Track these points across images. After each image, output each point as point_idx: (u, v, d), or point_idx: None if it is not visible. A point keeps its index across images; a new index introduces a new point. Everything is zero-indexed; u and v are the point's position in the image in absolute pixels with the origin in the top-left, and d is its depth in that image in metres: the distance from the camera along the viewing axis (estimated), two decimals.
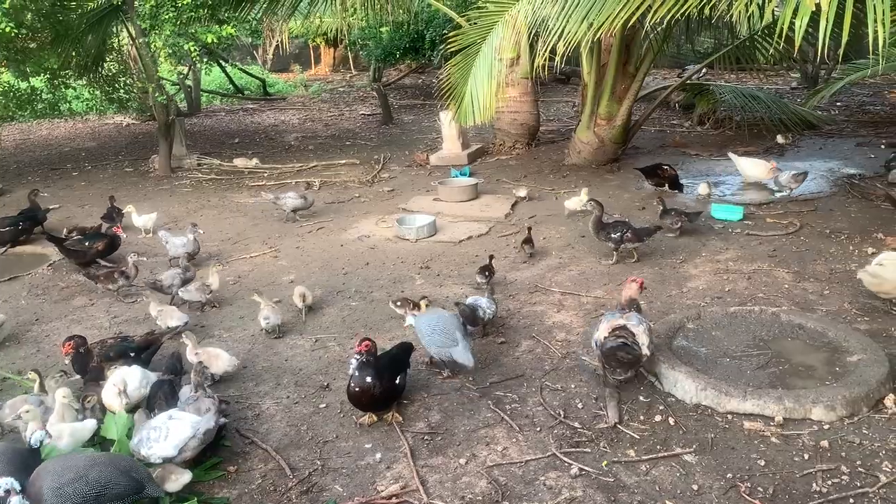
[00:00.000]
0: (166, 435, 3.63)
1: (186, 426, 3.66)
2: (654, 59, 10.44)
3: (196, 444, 3.63)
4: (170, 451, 3.59)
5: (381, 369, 4.11)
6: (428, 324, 4.79)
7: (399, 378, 4.24)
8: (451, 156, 11.30)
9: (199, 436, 3.63)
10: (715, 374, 4.40)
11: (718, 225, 7.60)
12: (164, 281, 6.10)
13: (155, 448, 3.60)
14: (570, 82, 19.60)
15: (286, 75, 24.91)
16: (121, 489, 3.20)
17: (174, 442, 3.59)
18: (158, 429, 3.66)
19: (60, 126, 16.71)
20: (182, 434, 3.63)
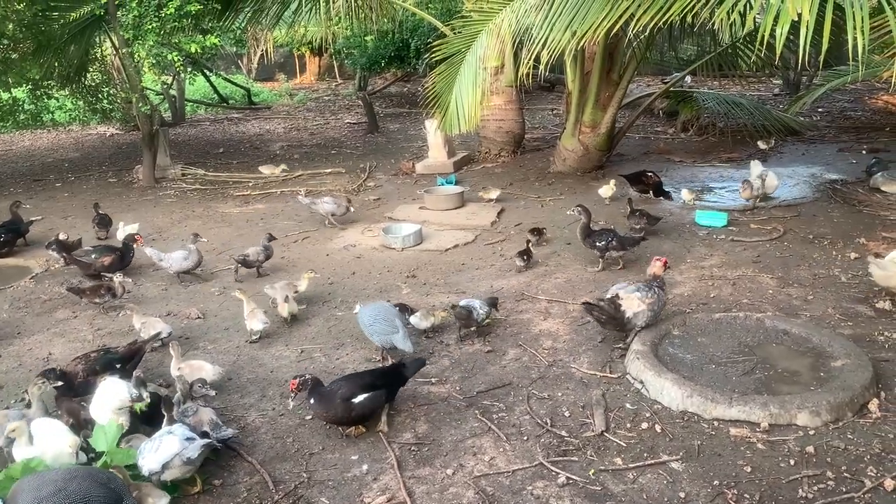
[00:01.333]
0: (157, 448, 3.58)
1: (175, 443, 3.59)
2: (638, 67, 10.53)
3: (180, 462, 3.54)
4: (154, 465, 3.54)
5: (328, 394, 4.11)
6: (370, 314, 5.11)
7: (361, 398, 4.10)
8: (437, 164, 11.31)
9: (183, 456, 3.54)
10: (701, 381, 4.41)
11: (703, 231, 7.64)
12: (250, 256, 6.82)
13: (146, 460, 3.55)
14: (554, 90, 19.69)
15: (271, 84, 24.86)
16: (100, 501, 3.15)
17: (160, 457, 3.53)
18: (154, 440, 3.61)
19: (43, 137, 16.58)
20: (169, 450, 3.56)
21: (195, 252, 6.78)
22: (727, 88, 15.15)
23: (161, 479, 3.56)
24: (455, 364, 5.04)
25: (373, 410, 4.20)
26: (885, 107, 14.79)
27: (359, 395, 4.10)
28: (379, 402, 4.21)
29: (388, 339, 5.00)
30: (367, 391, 4.13)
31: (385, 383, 4.29)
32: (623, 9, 6.62)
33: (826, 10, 5.37)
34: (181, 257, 6.74)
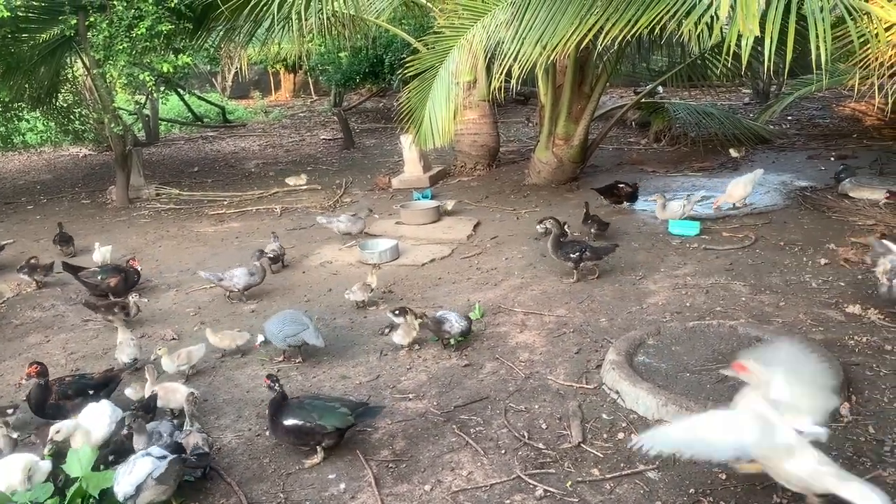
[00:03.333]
0: (131, 470, 3.51)
1: (148, 463, 3.54)
2: (609, 79, 10.65)
3: (153, 483, 3.48)
4: (128, 488, 3.47)
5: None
6: (276, 321, 5.35)
7: (293, 419, 4.07)
8: (413, 179, 11.34)
9: (154, 475, 3.48)
10: (676, 390, 4.44)
11: (676, 240, 7.72)
12: (277, 251, 7.40)
13: (121, 484, 3.49)
14: (528, 103, 19.84)
15: (246, 102, 24.82)
16: None
17: (133, 479, 3.47)
18: (130, 462, 3.55)
19: (14, 159, 16.38)
20: (142, 470, 3.50)
21: (260, 268, 6.71)
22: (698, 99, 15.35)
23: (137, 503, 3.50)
24: (432, 379, 5.04)
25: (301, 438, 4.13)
26: (853, 114, 15.07)
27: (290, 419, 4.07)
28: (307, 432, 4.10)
29: (300, 338, 5.24)
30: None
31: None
32: (592, 22, 6.71)
33: (789, 20, 5.48)
34: (245, 273, 6.64)
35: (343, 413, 4.05)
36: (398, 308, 5.62)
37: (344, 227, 8.26)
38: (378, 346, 5.65)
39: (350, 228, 8.27)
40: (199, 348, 5.28)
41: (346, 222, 8.29)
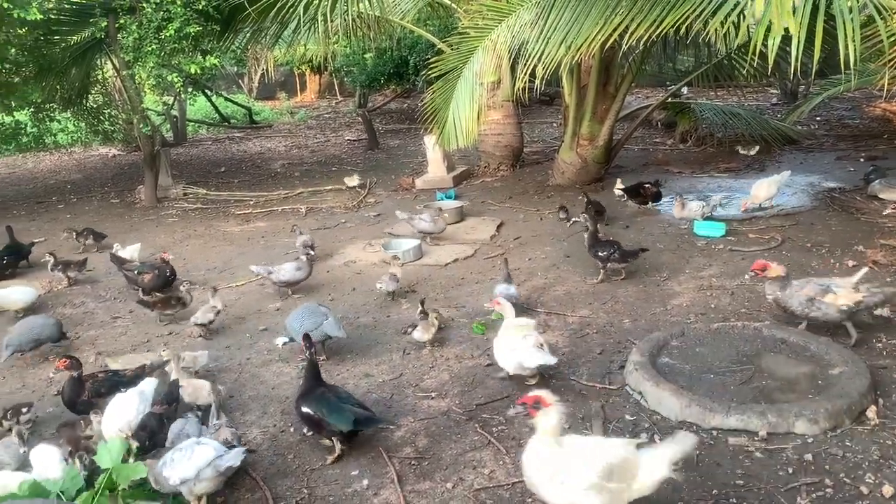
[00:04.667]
0: (189, 456, 3.57)
1: (209, 451, 3.60)
2: (634, 79, 10.61)
3: (213, 473, 3.55)
4: (189, 472, 3.52)
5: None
6: (296, 316, 5.45)
7: (307, 407, 4.18)
8: (437, 179, 11.38)
9: (220, 465, 3.56)
10: (699, 391, 4.42)
11: (701, 241, 7.67)
12: (308, 242, 7.59)
13: (177, 469, 3.53)
14: (553, 104, 19.79)
15: (272, 103, 25.03)
16: None
17: (195, 464, 3.53)
18: (183, 450, 3.61)
19: (46, 159, 16.72)
20: (204, 457, 3.56)
21: (306, 264, 6.81)
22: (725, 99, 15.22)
23: (191, 490, 3.55)
24: (455, 378, 5.06)
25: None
26: (883, 114, 14.84)
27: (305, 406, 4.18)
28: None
29: (321, 331, 5.28)
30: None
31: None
32: (617, 22, 6.70)
33: (817, 20, 5.42)
34: (293, 268, 6.77)
35: (347, 417, 4.08)
36: (422, 311, 5.67)
37: (426, 227, 8.22)
38: (401, 344, 5.69)
39: (432, 228, 8.23)
40: (202, 354, 5.29)
41: (429, 221, 8.23)
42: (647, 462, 3.26)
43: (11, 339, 5.60)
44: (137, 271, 6.98)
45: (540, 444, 3.24)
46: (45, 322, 5.82)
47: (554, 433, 3.23)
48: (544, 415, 3.24)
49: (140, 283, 6.88)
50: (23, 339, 5.62)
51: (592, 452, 3.22)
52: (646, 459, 3.26)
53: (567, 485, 3.12)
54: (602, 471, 3.12)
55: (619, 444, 3.33)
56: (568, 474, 3.14)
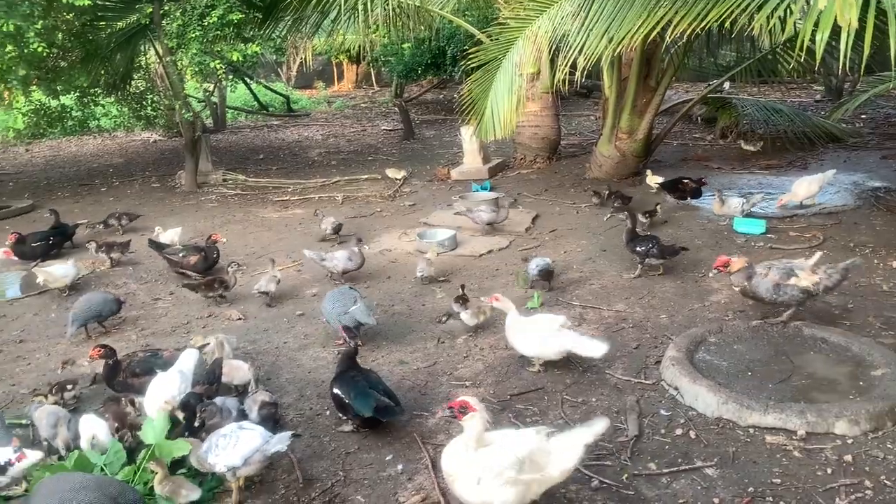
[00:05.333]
0: (235, 443, 3.61)
1: (256, 437, 3.65)
2: (676, 73, 10.47)
3: (261, 458, 3.61)
4: (235, 460, 3.57)
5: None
6: (329, 299, 5.55)
7: (337, 388, 4.29)
8: (472, 170, 11.38)
9: (267, 451, 3.62)
10: (737, 388, 4.39)
11: (741, 238, 7.57)
12: (335, 222, 8.12)
13: (222, 456, 3.59)
14: (591, 96, 19.66)
15: (310, 92, 25.20)
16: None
17: (241, 452, 3.58)
18: (228, 437, 3.65)
19: (89, 142, 17.06)
20: (251, 444, 3.61)
21: (358, 254, 6.89)
22: (767, 95, 14.98)
23: (235, 474, 3.61)
24: (489, 368, 5.08)
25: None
26: None
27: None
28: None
29: (351, 316, 5.31)
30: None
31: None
32: (660, 15, 6.62)
33: (868, 14, 5.31)
34: (345, 257, 6.84)
35: (369, 404, 4.13)
36: (459, 297, 5.73)
37: (487, 217, 8.17)
38: (435, 333, 5.72)
39: (494, 218, 8.20)
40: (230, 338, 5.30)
41: (489, 212, 8.19)
42: (560, 449, 3.32)
43: (76, 314, 5.84)
44: (182, 254, 7.10)
45: (459, 445, 3.33)
46: (104, 297, 6.07)
47: (478, 437, 3.31)
48: (470, 419, 3.32)
49: (185, 265, 7.00)
50: (87, 313, 5.87)
51: (503, 448, 3.27)
52: (558, 447, 3.32)
53: (483, 483, 3.19)
54: (512, 465, 3.17)
55: (528, 434, 3.36)
56: (483, 472, 3.20)
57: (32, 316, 6.51)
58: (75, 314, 5.83)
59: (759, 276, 5.13)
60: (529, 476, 3.22)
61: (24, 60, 9.63)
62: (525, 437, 3.34)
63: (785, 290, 5.06)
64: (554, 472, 3.31)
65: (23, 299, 6.96)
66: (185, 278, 6.87)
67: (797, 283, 5.04)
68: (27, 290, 7.22)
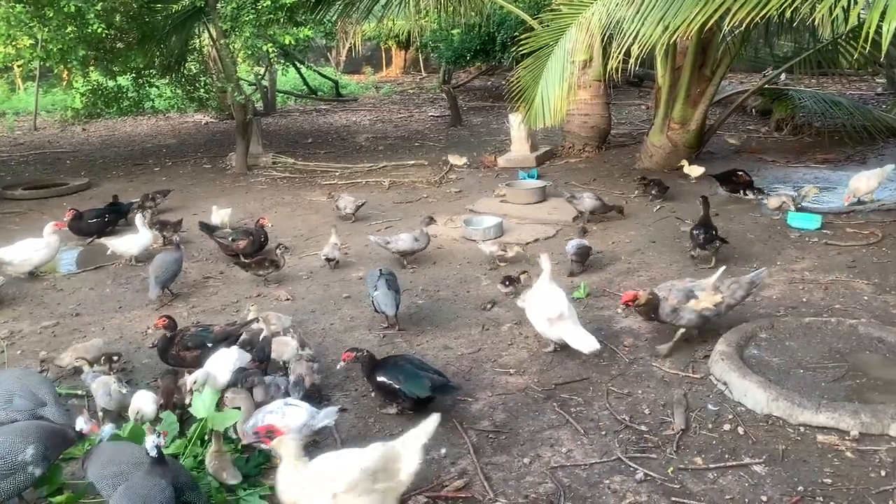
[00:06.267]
0: (281, 419, 3.67)
1: (302, 414, 3.71)
2: (731, 63, 10.23)
3: (307, 433, 3.68)
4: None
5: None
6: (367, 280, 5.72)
7: (384, 376, 4.29)
8: (520, 158, 11.32)
9: (313, 426, 3.68)
10: (787, 385, 4.30)
11: (794, 234, 7.40)
12: (356, 202, 8.51)
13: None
14: (642, 85, 19.37)
15: (358, 77, 25.34)
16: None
17: (288, 425, 3.63)
18: (274, 412, 3.71)
19: (143, 123, 17.43)
20: (297, 420, 3.67)
21: (424, 235, 6.98)
22: (825, 87, 14.55)
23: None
24: (533, 356, 5.07)
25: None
26: None
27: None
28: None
29: (376, 303, 5.43)
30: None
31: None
32: (718, 3, 6.46)
33: None
34: (411, 238, 6.94)
35: (424, 384, 4.15)
36: (506, 277, 5.89)
37: (589, 205, 8.14)
38: (480, 320, 5.73)
39: (596, 206, 8.14)
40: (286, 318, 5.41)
41: (592, 199, 8.15)
42: (406, 455, 3.32)
43: (158, 277, 6.18)
44: (232, 238, 7.22)
45: (287, 469, 3.28)
46: (176, 256, 6.44)
47: (297, 458, 3.25)
48: (279, 443, 3.27)
49: (236, 248, 7.13)
50: (166, 274, 6.24)
51: (339, 465, 3.24)
52: (404, 453, 3.31)
53: (339, 498, 3.15)
54: (350, 483, 3.13)
55: (375, 448, 3.31)
56: (313, 493, 3.17)
57: (88, 290, 6.71)
58: (156, 277, 6.15)
59: (664, 302, 4.88)
60: (384, 485, 3.21)
61: (83, 41, 9.89)
62: (373, 449, 3.30)
63: (682, 313, 4.84)
64: (404, 477, 3.29)
65: (79, 274, 7.17)
66: (235, 260, 6.99)
67: (695, 305, 4.82)
68: (83, 265, 7.44)
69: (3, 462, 3.37)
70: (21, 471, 3.39)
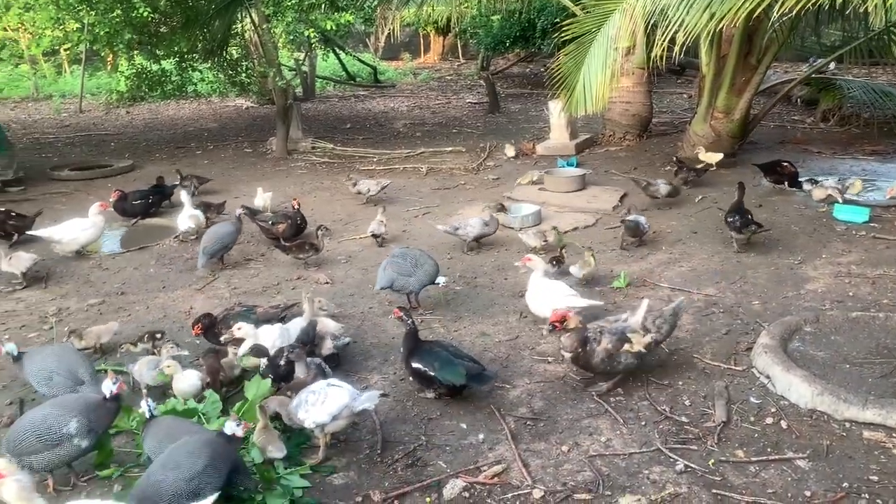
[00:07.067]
0: (324, 400, 3.71)
1: (344, 395, 3.74)
2: (778, 52, 10.00)
3: (349, 414, 3.72)
4: (323, 417, 3.68)
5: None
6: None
7: (418, 363, 4.31)
8: (559, 146, 11.22)
9: (355, 408, 3.72)
10: (833, 380, 4.22)
11: (841, 226, 7.23)
12: (371, 187, 8.70)
13: (311, 412, 3.69)
14: (684, 73, 19.05)
15: (396, 63, 25.32)
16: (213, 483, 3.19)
17: (329, 409, 3.68)
18: (317, 393, 3.75)
19: (185, 107, 17.67)
20: (338, 402, 3.70)
21: (494, 220, 7.04)
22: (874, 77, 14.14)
23: (323, 431, 3.72)
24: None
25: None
26: None
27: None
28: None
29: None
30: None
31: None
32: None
33: None
34: (480, 223, 7.00)
35: (459, 372, 4.15)
36: (553, 258, 6.06)
37: (664, 191, 8.18)
38: (517, 307, 5.71)
39: (667, 191, 8.19)
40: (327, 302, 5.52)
41: (665, 186, 8.20)
42: None
43: (206, 248, 6.42)
44: (271, 221, 7.30)
45: None
46: (230, 229, 6.68)
47: (21, 500, 3.00)
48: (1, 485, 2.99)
49: (275, 232, 7.21)
50: (214, 246, 6.49)
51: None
52: None
53: None
54: None
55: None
56: None
57: (133, 270, 6.84)
58: (204, 248, 6.40)
59: (592, 344, 4.31)
60: None
61: (129, 24, 10.04)
62: None
63: (619, 358, 4.31)
64: None
65: (123, 254, 7.32)
66: (276, 243, 7.07)
67: (630, 349, 4.31)
68: (127, 245, 7.61)
69: (50, 434, 3.48)
70: (67, 442, 3.49)
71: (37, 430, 3.48)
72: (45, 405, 3.66)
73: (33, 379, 4.17)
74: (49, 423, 3.50)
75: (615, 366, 4.35)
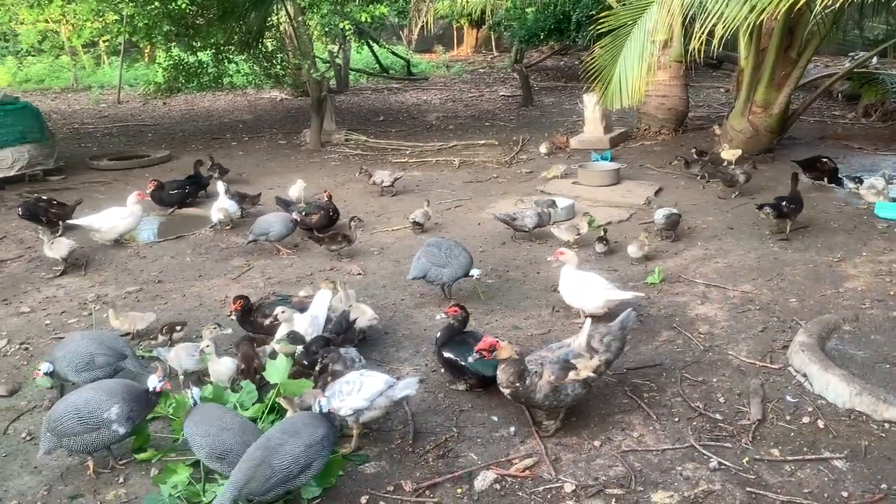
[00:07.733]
0: (359, 388, 3.75)
1: (379, 382, 3.78)
2: (819, 45, 9.81)
3: (386, 402, 3.76)
4: (361, 403, 3.71)
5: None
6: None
7: (450, 352, 4.38)
8: (593, 139, 11.14)
9: (394, 396, 3.75)
10: (872, 380, 4.14)
11: (882, 224, 7.08)
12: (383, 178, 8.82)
13: (347, 401, 3.72)
14: (721, 67, 18.77)
15: (429, 56, 25.31)
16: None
17: (365, 395, 3.72)
18: (351, 383, 3.79)
19: (221, 98, 17.86)
20: (374, 388, 3.74)
21: (548, 213, 7.09)
22: None
23: (357, 419, 3.75)
24: None
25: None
26: None
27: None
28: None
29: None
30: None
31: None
32: None
33: None
34: (535, 214, 7.05)
35: (490, 363, 4.11)
36: (599, 238, 6.35)
37: (743, 179, 8.20)
38: (550, 301, 5.69)
39: (744, 179, 8.22)
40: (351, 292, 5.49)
41: (743, 174, 8.23)
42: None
43: (253, 230, 6.86)
44: (305, 212, 7.36)
45: None
46: (275, 219, 6.93)
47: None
48: None
49: (308, 223, 7.27)
50: (257, 228, 6.85)
51: None
52: None
53: None
54: None
55: None
56: None
57: (169, 259, 6.95)
58: (252, 230, 6.87)
59: (532, 377, 3.81)
60: None
61: (167, 16, 10.16)
62: None
63: (565, 390, 3.82)
64: None
65: (160, 243, 7.43)
66: (309, 234, 7.13)
67: (576, 377, 3.84)
68: (164, 234, 7.73)
69: (91, 417, 3.55)
70: (105, 428, 3.56)
71: (78, 412, 3.56)
72: (89, 388, 3.74)
73: (69, 365, 4.19)
74: (91, 406, 3.57)
75: (562, 399, 3.83)
